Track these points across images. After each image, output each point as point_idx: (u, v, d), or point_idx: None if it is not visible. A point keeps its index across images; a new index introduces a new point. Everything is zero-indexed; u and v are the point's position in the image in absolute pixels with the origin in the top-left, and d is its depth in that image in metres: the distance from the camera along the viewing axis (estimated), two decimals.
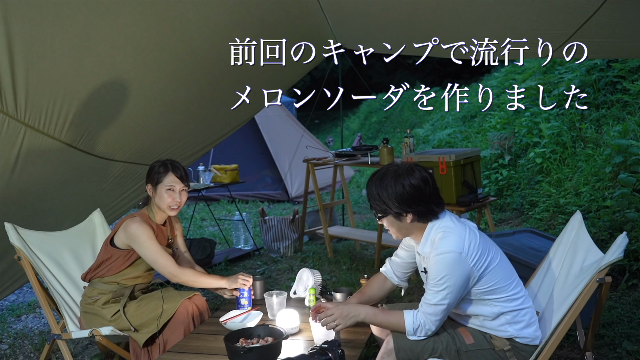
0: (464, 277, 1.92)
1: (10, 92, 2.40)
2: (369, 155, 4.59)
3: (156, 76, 2.98)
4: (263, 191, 7.98)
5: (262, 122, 7.90)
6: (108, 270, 2.57)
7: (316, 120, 19.52)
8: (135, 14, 2.56)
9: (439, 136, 9.76)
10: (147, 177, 2.63)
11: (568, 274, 2.21)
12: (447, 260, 1.91)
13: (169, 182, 2.59)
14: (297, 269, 4.16)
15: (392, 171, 2.00)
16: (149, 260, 2.52)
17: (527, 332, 2.01)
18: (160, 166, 2.61)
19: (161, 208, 2.62)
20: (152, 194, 2.61)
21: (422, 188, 1.97)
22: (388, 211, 2.00)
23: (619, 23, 2.98)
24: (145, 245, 2.49)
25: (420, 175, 1.99)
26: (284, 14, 3.29)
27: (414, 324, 1.97)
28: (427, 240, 2.01)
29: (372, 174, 2.06)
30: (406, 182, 1.96)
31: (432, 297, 1.94)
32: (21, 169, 2.75)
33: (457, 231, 1.96)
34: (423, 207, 1.98)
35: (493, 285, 1.97)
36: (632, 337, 3.05)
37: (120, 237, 2.55)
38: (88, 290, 2.63)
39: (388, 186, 1.97)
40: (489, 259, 1.97)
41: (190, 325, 2.48)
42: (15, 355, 3.25)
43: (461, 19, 3.30)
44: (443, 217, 2.03)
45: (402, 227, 2.04)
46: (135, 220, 2.53)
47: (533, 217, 5.47)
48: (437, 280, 1.92)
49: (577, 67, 7.06)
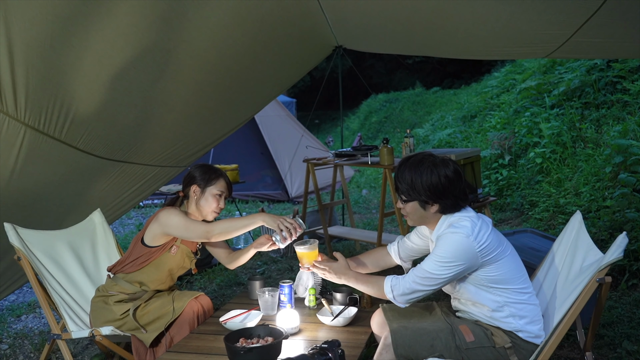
0: (467, 259, 1.94)
1: (10, 92, 2.40)
2: (369, 155, 4.59)
3: (156, 76, 2.98)
4: (263, 191, 7.98)
5: (262, 122, 7.90)
6: (132, 266, 2.56)
7: (316, 120, 19.53)
8: (135, 14, 2.55)
9: (439, 136, 9.76)
10: (192, 179, 2.59)
11: (568, 274, 2.21)
12: (454, 238, 1.94)
13: (220, 187, 2.58)
14: (297, 269, 4.15)
15: (430, 160, 2.01)
16: (182, 230, 2.46)
17: (531, 328, 2.01)
18: (208, 170, 2.60)
19: (203, 211, 2.59)
20: (198, 195, 2.57)
21: (455, 181, 1.99)
22: (416, 198, 2.02)
23: (619, 23, 2.98)
24: (176, 220, 2.45)
25: (454, 169, 2.01)
26: (284, 14, 3.29)
27: (392, 282, 2.03)
28: (442, 226, 2.04)
29: (406, 158, 2.07)
30: (442, 172, 1.98)
31: (428, 265, 1.97)
32: (21, 169, 2.75)
33: (470, 219, 2.00)
34: (451, 200, 2.00)
35: (500, 275, 1.99)
36: (632, 337, 3.05)
37: (152, 229, 2.51)
38: (109, 283, 2.61)
39: (423, 173, 1.99)
40: (498, 250, 1.99)
41: (196, 324, 2.49)
42: (15, 355, 3.25)
43: (461, 19, 3.30)
44: (461, 210, 2.06)
45: (423, 215, 2.06)
46: (171, 210, 2.51)
47: (533, 217, 5.47)
48: (439, 252, 1.96)
49: (577, 67, 7.06)
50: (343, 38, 4.38)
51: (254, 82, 3.91)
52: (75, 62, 2.56)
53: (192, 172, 2.62)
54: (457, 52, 4.85)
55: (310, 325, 2.47)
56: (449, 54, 4.99)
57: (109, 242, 3.07)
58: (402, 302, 2.05)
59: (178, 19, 2.75)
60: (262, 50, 3.50)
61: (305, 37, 3.94)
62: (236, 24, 3.03)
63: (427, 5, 3.18)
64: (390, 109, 15.90)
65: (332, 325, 2.43)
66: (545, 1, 2.87)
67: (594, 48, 3.65)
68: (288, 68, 4.24)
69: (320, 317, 2.47)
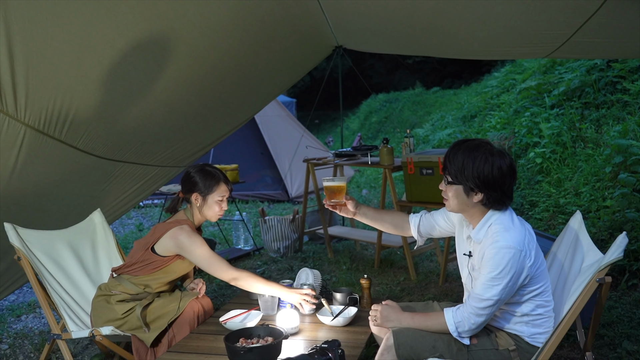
0: (519, 275, 1.88)
1: (10, 92, 2.40)
2: (369, 155, 4.59)
3: (156, 76, 2.98)
4: (263, 191, 7.98)
5: (262, 122, 7.90)
6: (141, 270, 2.56)
7: (316, 120, 19.53)
8: (135, 14, 2.55)
9: (439, 136, 9.76)
10: (193, 186, 2.59)
11: (568, 274, 2.21)
12: (507, 256, 1.85)
13: (221, 192, 2.59)
14: (297, 269, 4.16)
15: (486, 147, 1.93)
16: (203, 266, 2.50)
17: (540, 337, 1.99)
18: (207, 176, 2.59)
19: (207, 216, 2.62)
20: (200, 203, 2.59)
21: (506, 176, 1.92)
22: (462, 182, 1.94)
23: (619, 23, 2.98)
24: (199, 252, 2.48)
25: (510, 163, 1.93)
26: (284, 14, 3.29)
27: (455, 320, 1.94)
28: (484, 227, 1.96)
29: (462, 140, 1.99)
30: (496, 163, 1.90)
31: (485, 291, 1.88)
32: (21, 169, 2.75)
33: (517, 229, 1.92)
34: (497, 194, 1.92)
35: (539, 288, 1.96)
36: (632, 337, 3.05)
37: (166, 245, 2.51)
38: (112, 282, 2.61)
39: (477, 159, 1.90)
40: (539, 262, 1.95)
41: (196, 324, 2.50)
42: (15, 355, 3.25)
43: (461, 19, 3.30)
44: (505, 211, 1.98)
45: (464, 202, 1.97)
46: (184, 229, 2.50)
47: (533, 217, 5.47)
48: (494, 274, 1.86)
49: (577, 67, 7.06)
50: (343, 38, 4.38)
51: (254, 82, 3.91)
52: (75, 62, 2.56)
53: (193, 178, 2.61)
54: (457, 52, 4.85)
55: (310, 325, 2.47)
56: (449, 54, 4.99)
57: (109, 242, 3.08)
58: (468, 336, 1.98)
59: (178, 19, 2.75)
60: (262, 50, 3.50)
61: (305, 37, 3.94)
62: (236, 24, 3.03)
63: (427, 5, 3.18)
64: (390, 109, 15.90)
65: (332, 325, 2.43)
66: (545, 1, 2.87)
67: (594, 48, 3.65)
68: (288, 68, 4.24)
69: (320, 317, 2.47)
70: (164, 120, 3.36)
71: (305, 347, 2.18)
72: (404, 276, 4.33)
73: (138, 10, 2.55)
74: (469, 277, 2.04)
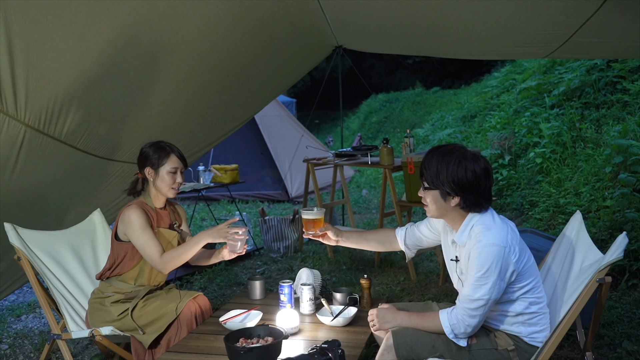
0: (506, 271, 1.89)
1: (10, 92, 2.40)
2: (369, 155, 4.59)
3: (156, 76, 2.98)
4: (263, 191, 7.98)
5: (262, 122, 7.90)
6: (122, 268, 2.57)
7: (316, 120, 19.53)
8: (135, 14, 2.56)
9: (439, 136, 9.77)
10: (145, 161, 2.60)
11: (568, 274, 2.21)
12: (492, 254, 1.86)
13: (172, 164, 2.59)
14: (297, 269, 4.16)
15: (459, 152, 1.96)
16: (139, 248, 2.50)
17: (538, 335, 2.00)
18: (158, 149, 2.59)
19: (162, 191, 2.61)
20: (153, 177, 2.60)
21: (481, 178, 1.94)
22: (438, 187, 1.97)
23: (619, 23, 2.98)
24: (138, 232, 2.48)
25: (484, 166, 1.95)
26: (284, 14, 3.29)
27: (450, 322, 1.95)
28: (466, 229, 1.98)
29: (436, 147, 2.02)
30: (470, 166, 1.92)
31: (474, 292, 1.89)
32: (21, 169, 2.75)
33: (499, 227, 1.94)
34: (474, 197, 1.94)
35: (528, 284, 1.97)
36: (632, 337, 3.05)
37: (120, 227, 2.56)
38: (103, 285, 2.62)
39: (450, 164, 1.93)
40: (526, 258, 1.97)
41: (194, 325, 2.49)
42: (15, 355, 3.25)
43: (461, 19, 3.30)
44: (485, 212, 1.99)
45: (443, 206, 2.00)
46: (131, 207, 2.53)
47: (533, 217, 5.47)
48: (480, 273, 1.87)
49: (577, 67, 7.06)
50: (343, 38, 4.38)
51: (254, 82, 3.91)
52: (75, 62, 2.56)
53: (145, 152, 2.61)
54: (457, 52, 4.85)
55: (310, 325, 2.47)
56: (449, 54, 4.99)
57: (109, 242, 3.07)
58: (464, 337, 1.98)
59: (178, 19, 2.75)
60: (262, 50, 3.50)
61: (305, 37, 3.94)
62: (236, 24, 3.03)
63: (427, 5, 3.18)
64: (390, 109, 15.91)
65: (332, 325, 2.43)
66: (545, 1, 2.87)
67: (594, 48, 3.65)
68: (288, 68, 4.24)
69: (320, 317, 2.47)
70: (164, 120, 3.36)
71: (305, 347, 2.18)
72: (404, 276, 4.33)
73: (138, 10, 2.55)
74: (459, 282, 2.05)
